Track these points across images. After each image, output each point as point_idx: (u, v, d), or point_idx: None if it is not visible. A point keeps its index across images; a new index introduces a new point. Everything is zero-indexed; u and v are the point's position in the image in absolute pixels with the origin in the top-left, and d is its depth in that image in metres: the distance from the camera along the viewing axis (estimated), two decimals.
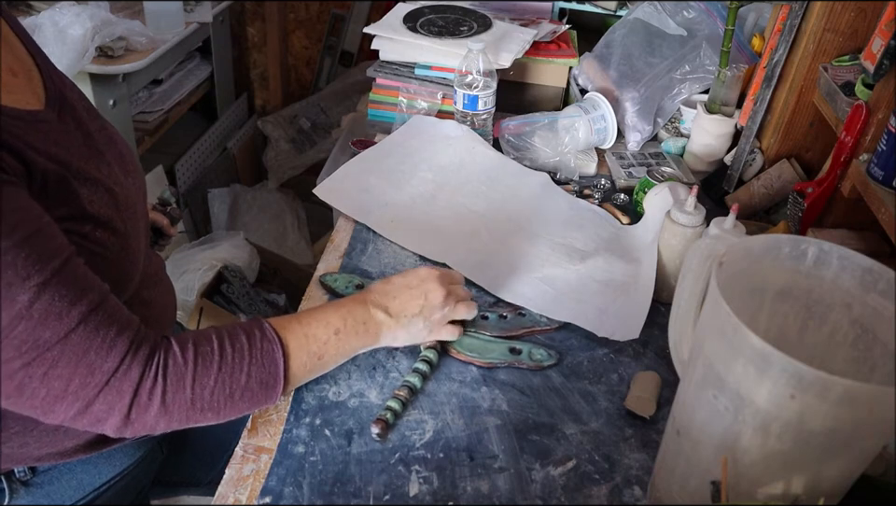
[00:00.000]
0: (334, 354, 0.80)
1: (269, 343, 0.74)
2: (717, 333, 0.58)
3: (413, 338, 0.85)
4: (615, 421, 0.83)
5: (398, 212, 1.13)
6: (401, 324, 0.83)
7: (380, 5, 2.52)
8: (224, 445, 0.93)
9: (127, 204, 0.78)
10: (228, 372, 0.71)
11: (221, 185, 2.39)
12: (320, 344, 0.78)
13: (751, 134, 1.20)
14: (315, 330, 0.78)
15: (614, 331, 0.93)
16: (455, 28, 1.36)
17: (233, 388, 0.71)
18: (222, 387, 0.70)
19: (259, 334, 0.74)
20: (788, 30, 1.12)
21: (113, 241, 0.74)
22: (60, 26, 1.56)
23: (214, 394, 0.70)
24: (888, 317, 0.61)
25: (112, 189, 0.76)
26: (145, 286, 0.88)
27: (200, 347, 0.70)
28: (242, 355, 0.72)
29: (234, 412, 0.73)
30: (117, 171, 0.80)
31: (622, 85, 1.34)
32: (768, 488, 0.58)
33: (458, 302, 0.88)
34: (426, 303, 0.84)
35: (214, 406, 0.70)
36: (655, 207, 1.06)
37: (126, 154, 0.87)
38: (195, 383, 0.69)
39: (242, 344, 0.72)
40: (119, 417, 0.67)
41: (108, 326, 0.66)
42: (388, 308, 0.83)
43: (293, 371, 0.76)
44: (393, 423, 0.80)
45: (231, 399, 0.71)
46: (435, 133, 1.28)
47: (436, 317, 0.85)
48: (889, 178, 0.85)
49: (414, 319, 0.84)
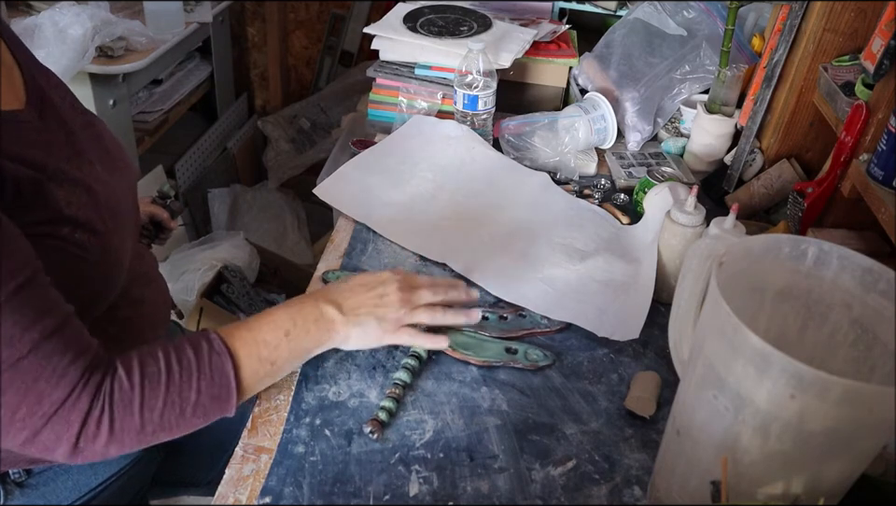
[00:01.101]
0: (287, 357, 0.76)
1: (217, 355, 0.71)
2: (717, 333, 0.58)
3: (366, 338, 0.81)
4: (615, 421, 0.83)
5: (398, 212, 1.13)
6: (353, 322, 0.79)
7: (380, 5, 2.52)
8: (223, 446, 0.93)
9: (109, 203, 0.77)
10: (176, 391, 0.68)
11: (221, 185, 2.39)
12: (271, 349, 0.75)
13: (751, 134, 1.20)
14: (265, 335, 0.75)
15: (614, 331, 0.93)
16: (455, 28, 1.36)
17: (184, 407, 0.69)
18: (172, 407, 0.68)
19: (206, 347, 0.71)
20: (788, 30, 1.12)
21: (94, 242, 0.73)
22: (60, 26, 1.56)
23: (164, 415, 0.68)
24: (888, 317, 0.61)
25: (92, 189, 0.75)
26: (136, 284, 0.87)
27: (146, 369, 0.68)
28: (190, 371, 0.69)
29: (188, 428, 0.71)
30: (99, 169, 0.79)
31: (622, 85, 1.34)
32: (768, 488, 0.58)
33: (418, 306, 0.83)
34: (380, 303, 0.81)
35: (165, 426, 0.69)
36: (655, 207, 1.06)
37: (114, 151, 0.86)
38: (143, 407, 0.67)
39: (189, 359, 0.70)
40: (67, 447, 0.65)
41: (62, 353, 0.64)
42: (341, 305, 0.79)
43: (245, 380, 0.73)
44: (388, 422, 0.80)
45: (182, 417, 0.69)
46: (435, 133, 1.28)
47: (390, 318, 0.80)
48: (889, 178, 0.85)
49: (367, 318, 0.80)
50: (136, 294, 0.88)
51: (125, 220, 0.82)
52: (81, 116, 0.84)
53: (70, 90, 0.86)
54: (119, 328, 0.85)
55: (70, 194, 0.71)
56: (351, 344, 0.81)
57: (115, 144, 0.87)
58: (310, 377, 0.86)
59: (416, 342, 0.83)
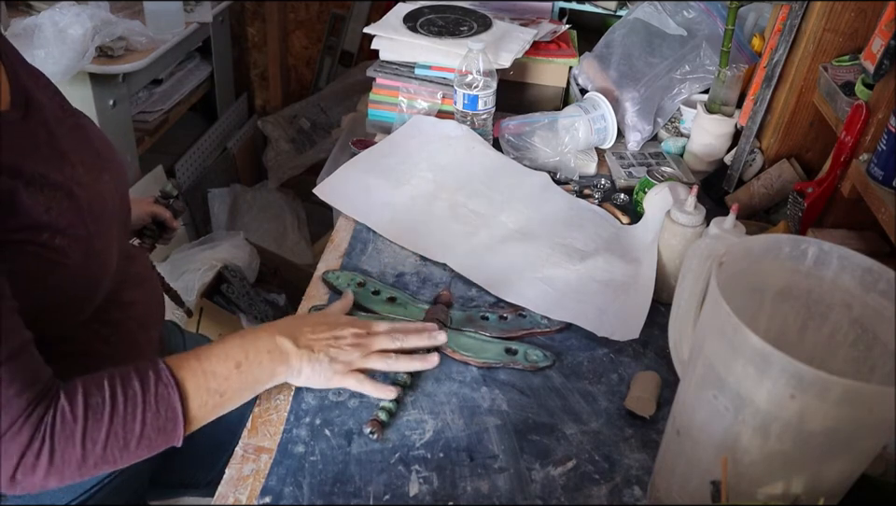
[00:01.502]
0: (238, 389, 0.75)
1: (164, 386, 0.70)
2: (717, 333, 0.58)
3: (315, 376, 0.80)
4: (615, 421, 0.83)
5: (398, 212, 1.13)
6: (306, 357, 0.79)
7: (380, 5, 2.52)
8: (223, 446, 0.92)
9: (92, 207, 0.76)
10: (120, 423, 0.67)
11: (221, 185, 2.39)
12: (220, 381, 0.73)
13: (751, 134, 1.20)
14: (215, 366, 0.74)
15: (614, 331, 0.93)
16: (455, 28, 1.36)
17: (128, 439, 0.68)
18: (115, 439, 0.67)
19: (153, 378, 0.70)
20: (788, 30, 1.12)
21: (75, 247, 0.72)
22: (60, 26, 1.56)
23: (107, 447, 0.67)
24: (888, 317, 0.61)
25: (73, 193, 0.74)
26: (125, 287, 0.86)
27: (90, 399, 0.67)
28: (135, 403, 0.68)
29: (133, 459, 0.70)
30: (82, 172, 0.77)
31: (622, 85, 1.34)
32: (768, 488, 0.58)
33: (373, 353, 0.82)
34: (335, 344, 0.80)
35: (108, 458, 0.68)
36: (655, 207, 1.06)
37: (104, 152, 0.85)
38: (85, 439, 0.66)
39: (135, 390, 0.69)
40: (4, 478, 0.64)
41: (9, 384, 0.63)
42: (297, 339, 0.79)
43: (193, 412, 0.72)
44: (388, 422, 0.80)
45: (126, 449, 0.68)
46: (435, 133, 1.28)
47: (342, 360, 0.80)
48: (889, 178, 0.85)
49: (320, 356, 0.79)
50: (126, 296, 0.87)
51: (110, 224, 0.81)
52: (70, 117, 0.83)
53: (59, 90, 0.84)
54: (110, 330, 0.84)
55: (50, 199, 0.70)
56: (302, 379, 0.80)
57: (105, 145, 0.86)
58: None
59: (363, 388, 0.81)
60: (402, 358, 0.84)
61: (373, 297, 0.98)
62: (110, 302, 0.83)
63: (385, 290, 0.99)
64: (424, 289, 1.01)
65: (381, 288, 0.99)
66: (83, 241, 0.73)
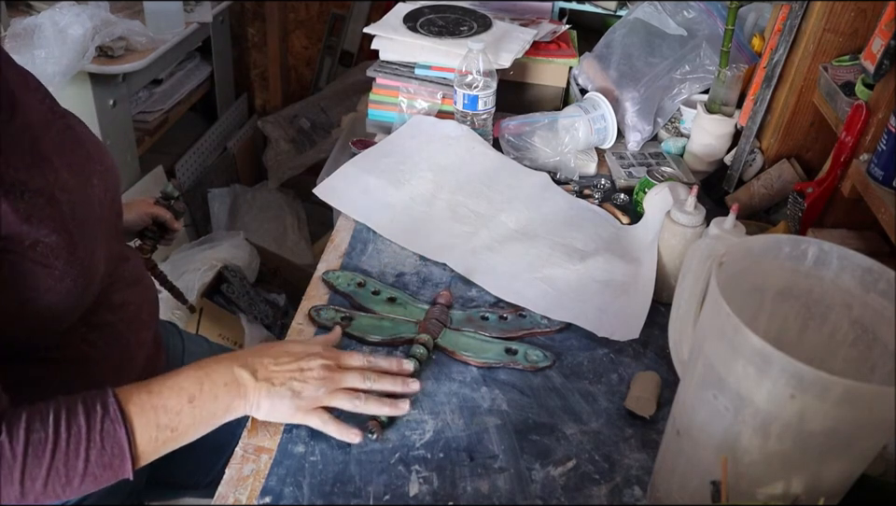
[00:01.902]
0: (191, 422, 0.72)
1: (111, 422, 0.67)
2: (717, 333, 0.58)
3: (276, 411, 0.75)
4: (615, 421, 0.83)
5: (398, 212, 1.13)
6: (265, 391, 0.74)
7: (380, 5, 2.52)
8: (222, 448, 0.92)
9: (76, 213, 0.75)
10: (62, 460, 0.65)
11: (221, 185, 2.39)
12: (171, 416, 0.70)
13: (751, 134, 1.20)
14: (167, 401, 0.70)
15: (614, 331, 0.93)
16: (455, 28, 1.36)
17: (70, 476, 0.65)
18: (56, 477, 0.65)
19: (100, 412, 0.67)
20: (788, 30, 1.12)
21: (58, 254, 0.71)
22: (60, 26, 1.56)
23: (48, 484, 0.65)
24: (888, 317, 0.61)
25: (55, 198, 0.72)
26: (116, 288, 0.85)
27: (32, 435, 0.64)
28: (79, 439, 0.65)
29: (79, 493, 0.67)
30: (66, 176, 0.76)
31: (622, 85, 1.34)
32: (768, 488, 0.58)
33: (339, 390, 0.77)
34: (299, 377, 0.75)
35: (50, 494, 0.65)
36: (655, 207, 1.06)
37: (94, 155, 0.83)
38: (24, 477, 0.63)
39: (80, 425, 0.66)
40: None
41: None
42: (256, 371, 0.75)
43: (141, 447, 0.69)
44: (388, 423, 0.80)
45: (68, 485, 0.66)
46: (435, 133, 1.28)
47: (306, 396, 0.75)
48: (889, 178, 0.85)
49: (281, 390, 0.74)
50: (117, 298, 0.86)
51: (97, 228, 0.79)
52: (60, 119, 0.81)
53: (49, 91, 0.83)
54: (97, 334, 0.83)
55: (31, 207, 0.69)
56: (262, 413, 0.75)
57: (96, 148, 0.85)
58: None
59: (326, 429, 0.77)
60: (371, 399, 0.78)
61: (373, 297, 0.98)
62: (99, 305, 0.82)
63: (385, 291, 0.99)
64: (424, 289, 1.01)
65: (381, 289, 0.99)
66: (66, 248, 0.72)
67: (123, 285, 0.88)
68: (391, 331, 0.92)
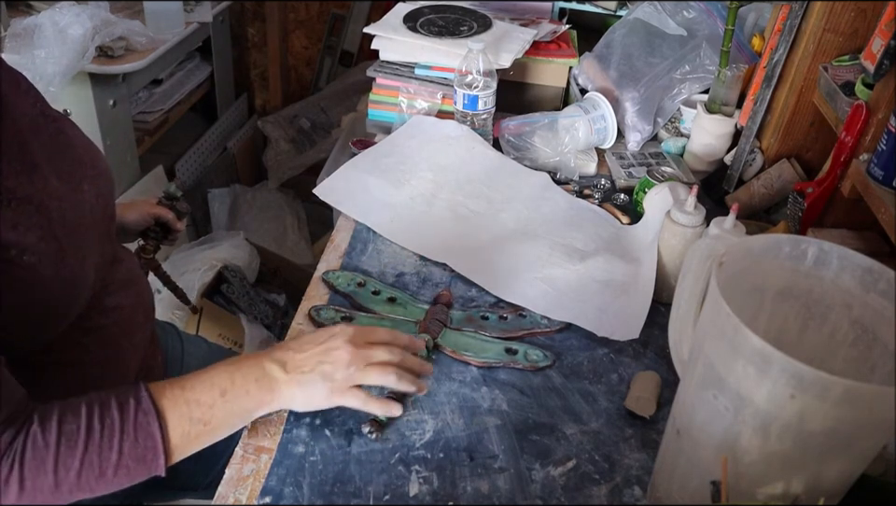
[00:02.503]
0: (223, 417, 0.72)
1: (144, 414, 0.68)
2: (717, 333, 0.58)
3: (311, 400, 0.75)
4: (615, 421, 0.83)
5: (398, 212, 1.13)
6: (296, 381, 0.74)
7: (380, 5, 2.52)
8: (222, 448, 0.92)
9: (65, 219, 0.74)
10: (96, 451, 0.65)
11: (221, 185, 2.39)
12: (204, 410, 0.70)
13: (751, 134, 1.20)
14: (199, 395, 0.71)
15: (614, 331, 0.93)
16: (455, 28, 1.36)
17: (104, 467, 0.66)
18: (90, 468, 0.65)
19: (133, 405, 0.68)
20: (788, 30, 1.12)
21: (46, 263, 0.70)
22: (60, 26, 1.56)
23: (81, 476, 0.65)
24: (888, 317, 0.61)
25: (44, 205, 0.72)
26: (108, 292, 0.85)
27: (64, 426, 0.65)
28: (112, 431, 0.66)
29: (111, 488, 0.68)
30: (55, 183, 0.75)
31: (622, 85, 1.34)
32: (768, 488, 0.58)
33: (370, 365, 0.76)
34: (326, 360, 0.75)
35: (84, 487, 0.66)
36: (655, 207, 1.06)
37: (86, 160, 0.82)
38: (58, 466, 0.64)
39: (113, 418, 0.66)
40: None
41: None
42: (286, 364, 0.75)
43: (174, 441, 0.69)
44: (386, 422, 0.80)
45: (102, 477, 0.66)
46: (435, 133, 1.28)
47: (338, 378, 0.74)
48: (889, 178, 0.85)
49: (312, 377, 0.74)
50: (109, 302, 0.85)
51: (87, 234, 0.78)
52: (52, 123, 0.80)
53: (41, 95, 0.82)
54: (92, 337, 0.83)
55: (18, 215, 0.68)
56: (298, 404, 0.76)
57: (87, 151, 0.84)
58: None
59: (368, 407, 0.76)
60: (404, 376, 0.78)
61: (373, 297, 0.98)
62: (91, 308, 0.81)
63: (385, 290, 0.99)
64: (424, 289, 1.01)
65: (381, 289, 0.99)
66: (54, 256, 0.71)
67: (116, 288, 0.87)
68: None
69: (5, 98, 0.74)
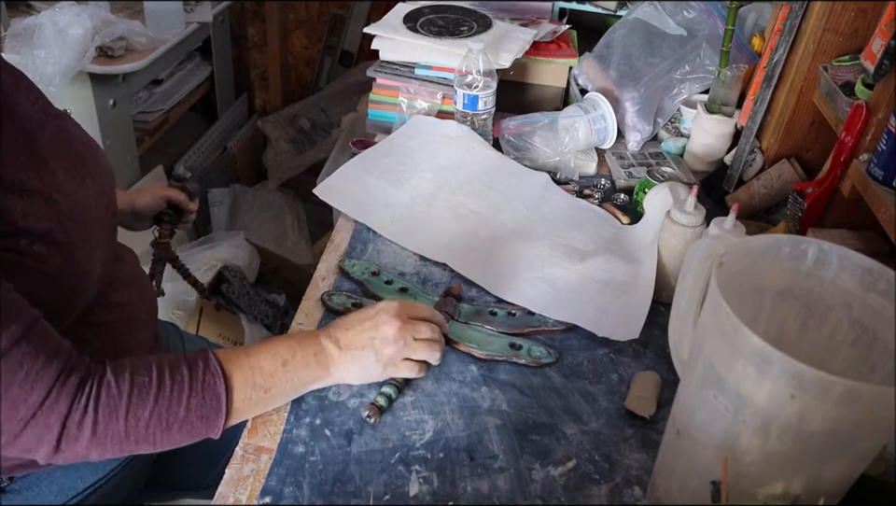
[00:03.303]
0: (283, 386, 0.77)
1: (211, 375, 0.72)
2: (717, 333, 0.58)
3: (365, 373, 0.81)
4: (615, 421, 0.83)
5: (398, 212, 1.13)
6: (350, 357, 0.79)
7: (380, 5, 2.52)
8: (222, 449, 0.92)
9: (73, 213, 0.75)
10: (165, 404, 0.69)
11: (221, 185, 2.39)
12: (266, 377, 0.75)
13: (751, 134, 1.20)
14: (262, 362, 0.75)
15: (614, 331, 0.93)
16: (455, 28, 1.36)
17: (171, 421, 0.69)
18: (158, 420, 0.69)
19: (202, 366, 0.72)
20: (788, 30, 1.12)
21: (55, 253, 0.72)
22: (60, 26, 1.56)
23: (150, 426, 0.68)
24: (888, 317, 0.61)
25: (53, 199, 0.73)
26: (112, 288, 0.86)
27: (136, 377, 0.68)
28: (181, 387, 0.70)
29: (172, 443, 0.71)
30: (62, 178, 0.76)
31: (622, 85, 1.34)
32: (768, 488, 0.58)
33: (418, 340, 0.82)
34: (376, 335, 0.79)
35: (149, 438, 0.69)
36: (655, 207, 1.06)
37: (87, 155, 0.83)
38: (129, 414, 0.67)
39: (183, 375, 0.70)
40: (48, 448, 0.66)
41: (34, 358, 0.64)
42: (339, 340, 0.79)
43: (236, 404, 0.73)
44: (387, 408, 0.81)
45: (168, 431, 0.69)
46: (435, 133, 1.28)
47: (388, 352, 0.80)
48: (889, 178, 0.85)
49: (364, 352, 0.79)
50: (114, 298, 0.86)
51: (93, 229, 0.80)
52: (53, 120, 0.81)
53: (42, 93, 0.83)
54: (96, 333, 0.83)
55: (28, 205, 0.70)
56: (352, 378, 0.81)
57: (88, 148, 0.85)
58: None
59: (422, 373, 0.84)
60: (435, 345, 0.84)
61: (386, 286, 1.00)
62: (96, 304, 0.82)
63: (397, 281, 1.01)
64: (424, 289, 1.01)
65: (394, 279, 1.01)
66: (63, 248, 0.73)
67: (120, 285, 0.88)
68: None
69: (8, 94, 0.75)
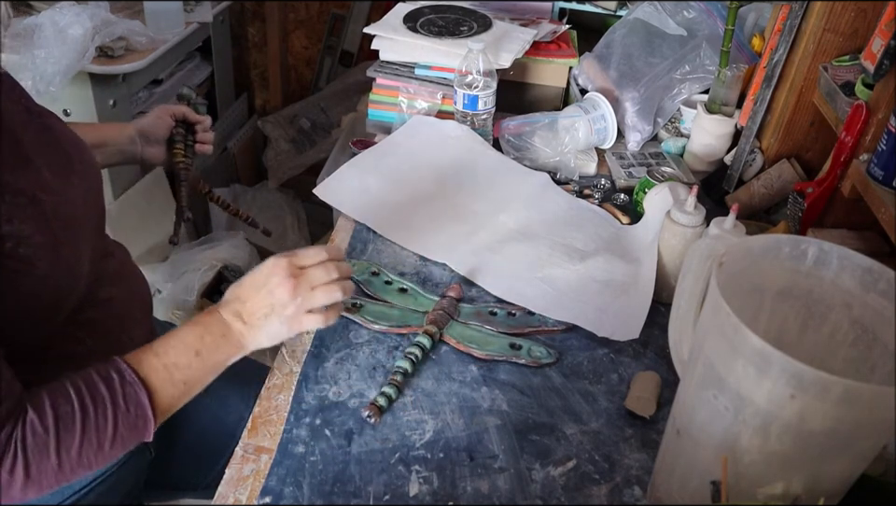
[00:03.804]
0: (201, 375, 0.76)
1: (130, 386, 0.71)
2: (717, 333, 0.58)
3: (275, 338, 0.79)
4: (615, 421, 0.83)
5: (398, 212, 1.13)
6: (257, 327, 0.78)
7: (380, 5, 2.52)
8: (221, 448, 0.92)
9: (59, 213, 0.75)
10: (93, 427, 0.68)
11: (221, 185, 2.39)
12: (183, 371, 0.74)
13: (751, 134, 1.20)
14: (175, 359, 0.74)
15: (614, 331, 0.93)
16: (455, 28, 1.36)
17: (101, 441, 0.69)
18: (89, 445, 0.68)
19: (118, 379, 0.70)
20: (788, 30, 1.12)
21: (41, 255, 0.71)
22: (60, 26, 1.56)
23: (81, 453, 0.68)
24: (888, 317, 0.61)
25: (38, 198, 0.72)
26: (102, 285, 0.86)
27: (59, 410, 0.67)
28: (105, 407, 0.69)
29: (108, 460, 0.71)
30: (47, 176, 0.76)
31: (622, 85, 1.34)
32: (768, 488, 0.58)
33: (314, 288, 0.79)
34: (274, 301, 0.77)
35: (83, 463, 0.69)
36: (655, 207, 1.06)
37: (74, 154, 0.83)
38: (59, 448, 0.67)
39: (102, 394, 0.69)
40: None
41: None
42: (241, 314, 0.78)
43: (161, 406, 0.73)
44: (387, 407, 0.81)
45: (100, 451, 0.69)
46: (435, 133, 1.28)
47: (288, 312, 0.78)
48: (889, 178, 0.85)
49: (268, 320, 0.78)
50: (103, 294, 0.86)
51: (81, 228, 0.79)
52: (38, 119, 0.81)
53: (25, 91, 0.82)
54: (86, 330, 0.83)
55: (12, 208, 0.69)
56: (266, 342, 0.79)
57: (76, 147, 0.84)
58: (310, 377, 0.86)
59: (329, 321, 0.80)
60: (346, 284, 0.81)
61: (386, 286, 1.00)
62: (85, 301, 0.82)
63: (397, 281, 1.01)
64: (424, 289, 1.01)
65: (393, 279, 1.01)
66: (49, 248, 0.72)
67: (108, 281, 0.87)
68: (399, 320, 0.93)
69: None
